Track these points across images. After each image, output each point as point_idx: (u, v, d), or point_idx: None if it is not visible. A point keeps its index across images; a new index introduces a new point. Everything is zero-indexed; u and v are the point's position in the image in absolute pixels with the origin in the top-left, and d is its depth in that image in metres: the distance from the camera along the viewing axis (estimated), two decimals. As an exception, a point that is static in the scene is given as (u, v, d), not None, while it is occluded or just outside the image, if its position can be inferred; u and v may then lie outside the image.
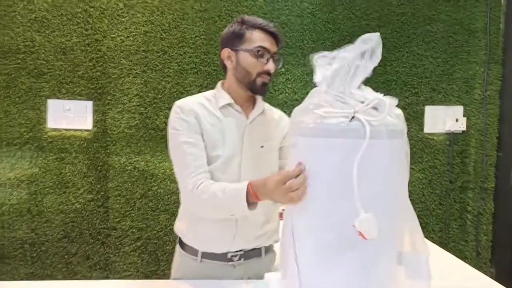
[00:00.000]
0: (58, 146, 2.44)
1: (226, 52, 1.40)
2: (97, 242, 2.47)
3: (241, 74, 1.38)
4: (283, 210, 1.14)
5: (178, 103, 1.39)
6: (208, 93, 1.45)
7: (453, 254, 1.95)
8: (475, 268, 1.66)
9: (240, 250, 1.41)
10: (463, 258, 2.62)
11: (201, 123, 1.36)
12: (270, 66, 1.36)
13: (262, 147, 1.42)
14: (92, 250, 2.47)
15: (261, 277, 1.30)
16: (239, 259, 1.40)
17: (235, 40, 1.38)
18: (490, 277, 2.48)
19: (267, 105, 1.53)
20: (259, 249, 1.45)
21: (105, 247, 2.48)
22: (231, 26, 1.40)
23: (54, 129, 2.44)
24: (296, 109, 1.09)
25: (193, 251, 1.41)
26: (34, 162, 2.42)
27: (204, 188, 1.27)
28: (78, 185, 2.45)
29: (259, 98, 1.46)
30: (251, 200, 1.20)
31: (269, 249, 1.49)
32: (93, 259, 2.47)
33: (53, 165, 2.43)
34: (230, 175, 1.36)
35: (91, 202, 2.46)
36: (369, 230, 0.88)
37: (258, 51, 1.35)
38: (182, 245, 1.46)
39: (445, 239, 2.65)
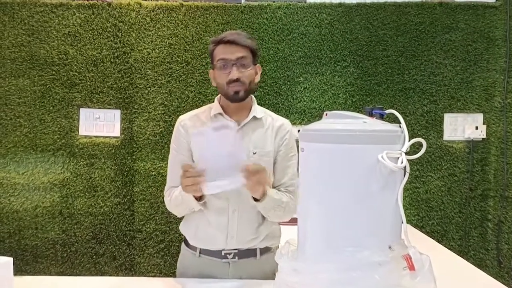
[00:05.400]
0: (89, 152, 2.59)
1: (210, 73, 1.54)
2: (123, 243, 2.59)
3: (218, 88, 1.51)
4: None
5: (179, 118, 1.58)
6: (208, 105, 1.60)
7: (473, 262, 1.95)
8: (496, 277, 1.64)
9: (235, 249, 1.50)
10: (484, 267, 2.59)
11: (192, 136, 1.50)
12: (233, 74, 1.44)
13: (254, 153, 1.50)
14: (119, 251, 2.59)
15: (254, 277, 1.46)
16: (233, 257, 1.50)
17: (211, 60, 1.52)
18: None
19: (270, 113, 1.60)
20: (254, 249, 1.52)
21: (131, 249, 2.60)
22: None
23: (85, 136, 2.59)
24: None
25: (193, 248, 1.54)
26: (66, 167, 2.58)
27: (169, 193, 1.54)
28: (106, 189, 2.59)
29: (254, 106, 1.54)
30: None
31: (265, 251, 1.54)
32: (119, 260, 2.60)
33: (83, 170, 2.58)
34: None
35: (118, 206, 2.59)
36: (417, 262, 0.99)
37: (219, 64, 1.45)
38: (186, 242, 1.58)
39: (465, 248, 2.63)
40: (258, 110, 1.55)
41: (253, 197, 1.40)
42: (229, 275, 1.50)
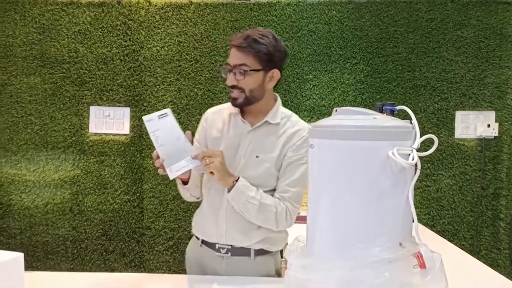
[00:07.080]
0: (99, 150, 2.60)
1: None
2: (132, 240, 2.61)
3: None
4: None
5: (208, 110, 1.60)
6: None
7: (485, 262, 1.92)
8: (509, 277, 1.62)
9: (229, 245, 1.49)
10: (496, 266, 2.56)
11: (211, 129, 1.53)
12: (228, 80, 1.42)
13: (257, 157, 1.45)
14: (128, 248, 2.61)
15: (247, 275, 1.45)
16: (227, 253, 1.49)
17: None
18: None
19: (293, 118, 1.52)
20: (248, 249, 1.49)
21: (140, 246, 2.61)
22: None
23: (95, 134, 2.61)
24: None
25: (197, 237, 1.57)
26: (76, 164, 2.60)
27: None
28: (116, 186, 2.60)
29: (273, 109, 1.48)
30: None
31: (261, 253, 1.51)
32: (128, 256, 2.61)
33: (93, 167, 2.60)
34: None
35: (128, 203, 2.61)
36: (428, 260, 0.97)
37: (226, 68, 1.43)
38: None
39: (477, 247, 2.59)
40: (276, 115, 1.48)
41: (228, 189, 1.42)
42: (222, 269, 1.50)
